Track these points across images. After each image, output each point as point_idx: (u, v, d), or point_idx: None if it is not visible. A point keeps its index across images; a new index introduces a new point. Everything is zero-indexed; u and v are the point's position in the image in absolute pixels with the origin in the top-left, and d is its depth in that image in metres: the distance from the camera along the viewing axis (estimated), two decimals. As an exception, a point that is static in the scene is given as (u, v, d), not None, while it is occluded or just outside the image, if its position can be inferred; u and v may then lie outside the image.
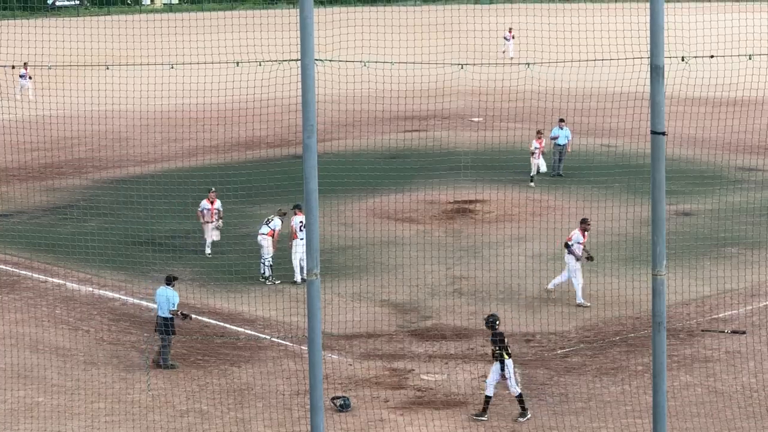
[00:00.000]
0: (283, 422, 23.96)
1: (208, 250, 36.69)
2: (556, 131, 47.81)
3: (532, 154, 43.47)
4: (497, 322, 24.86)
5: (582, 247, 31.42)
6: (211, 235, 36.97)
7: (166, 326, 27.42)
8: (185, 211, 41.43)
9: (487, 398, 24.50)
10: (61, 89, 50.76)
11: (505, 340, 24.70)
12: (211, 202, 36.92)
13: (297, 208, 32.38)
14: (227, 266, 34.87)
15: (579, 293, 31.42)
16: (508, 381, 24.31)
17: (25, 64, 58.48)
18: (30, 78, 61.08)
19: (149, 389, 25.65)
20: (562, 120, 47.35)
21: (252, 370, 27.26)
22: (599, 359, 27.65)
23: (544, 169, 43.17)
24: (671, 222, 17.70)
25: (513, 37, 68.80)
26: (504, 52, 66.83)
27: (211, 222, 36.62)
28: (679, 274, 30.18)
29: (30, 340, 28.98)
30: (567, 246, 31.62)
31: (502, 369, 24.23)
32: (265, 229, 33.99)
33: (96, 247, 37.22)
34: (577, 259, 31.47)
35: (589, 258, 32.16)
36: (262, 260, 33.86)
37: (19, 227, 39.42)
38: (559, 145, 47.50)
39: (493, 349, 24.51)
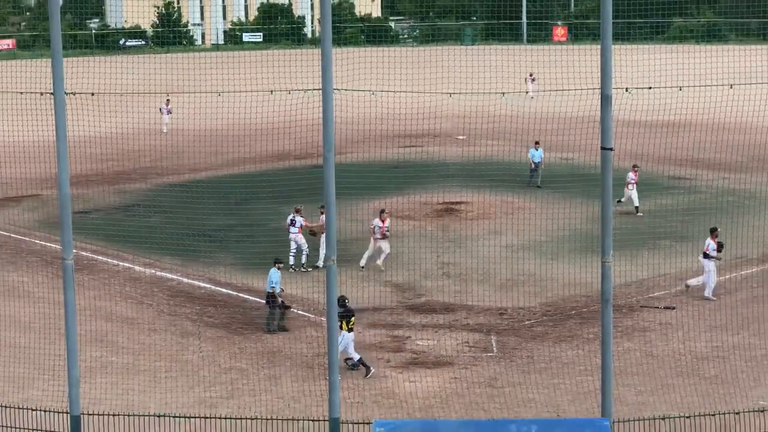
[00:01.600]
0: (306, 378, 24.07)
1: (363, 262, 33.73)
2: (532, 152, 46.97)
3: (627, 185, 40.66)
4: (346, 301, 24.77)
5: (716, 251, 30.17)
6: (382, 249, 33.78)
7: (269, 299, 27.68)
8: (229, 209, 41.50)
9: (359, 360, 24.62)
10: (130, 112, 50.85)
11: (350, 316, 24.70)
12: (383, 221, 34.32)
13: (322, 208, 32.11)
14: (262, 254, 34.82)
15: (710, 290, 30.11)
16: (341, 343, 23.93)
17: (167, 100, 57.82)
18: (170, 112, 59.27)
19: (200, 351, 25.72)
20: (537, 142, 46.80)
21: (281, 336, 27.34)
22: (558, 329, 27.71)
23: (636, 203, 40.59)
24: (616, 220, 17.63)
25: (534, 80, 68.39)
26: (528, 92, 66.38)
27: (379, 237, 33.72)
28: (622, 261, 30.21)
29: (104, 312, 29.07)
30: (706, 255, 30.29)
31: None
32: (294, 229, 33.76)
33: (157, 237, 37.37)
34: (717, 259, 30.27)
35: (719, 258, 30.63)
36: (293, 253, 33.57)
37: (96, 222, 39.49)
38: (536, 162, 46.63)
39: (343, 322, 24.43)
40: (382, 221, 33.74)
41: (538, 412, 21.88)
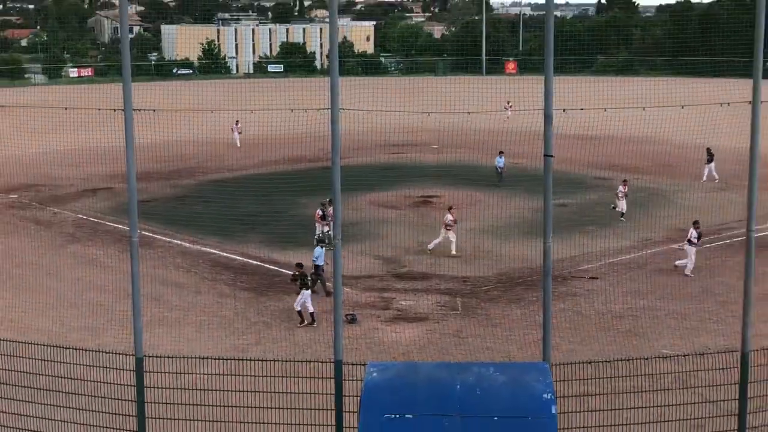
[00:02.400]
0: (316, 329, 24.04)
1: (431, 246, 32.10)
2: (498, 159, 45.38)
3: (617, 195, 37.73)
4: (302, 266, 25.19)
5: (697, 239, 29.20)
6: (450, 238, 31.83)
7: (315, 270, 27.05)
8: (257, 200, 41.35)
9: (312, 314, 24.63)
10: (181, 124, 50.68)
11: (306, 278, 24.95)
12: (452, 215, 32.34)
13: (329, 201, 31.88)
14: (282, 234, 34.82)
15: (690, 268, 29.27)
16: (299, 299, 24.58)
17: (237, 121, 56.77)
18: (240, 132, 57.53)
19: (234, 308, 25.64)
20: (501, 152, 45.32)
21: (296, 297, 27.27)
22: (509, 293, 27.67)
23: (623, 209, 37.32)
24: (555, 210, 17.65)
25: (511, 107, 65.00)
26: (507, 117, 63.22)
27: (450, 228, 31.79)
28: (559, 243, 30.09)
29: (160, 278, 28.98)
30: (690, 242, 29.34)
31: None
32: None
33: (202, 221, 37.22)
34: (696, 245, 29.25)
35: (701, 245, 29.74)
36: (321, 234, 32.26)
37: (155, 209, 39.33)
38: (500, 167, 45.01)
39: (300, 282, 24.67)
40: (452, 215, 32.69)
41: (493, 357, 21.88)
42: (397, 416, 11.43)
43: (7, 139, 51.69)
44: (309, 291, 24.89)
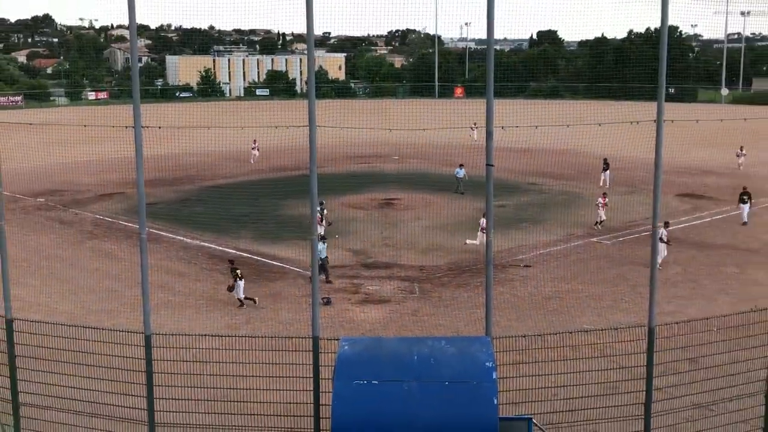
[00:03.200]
0: (298, 310, 23.96)
1: (468, 242, 31.24)
2: (458, 171, 44.18)
3: (597, 206, 36.23)
4: (234, 262, 25.78)
5: (667, 236, 28.77)
6: (483, 241, 29.83)
7: (321, 265, 26.43)
8: (248, 202, 41.12)
9: (242, 299, 24.63)
10: (183, 138, 50.21)
11: (237, 270, 24.87)
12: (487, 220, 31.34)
13: (321, 204, 31.92)
14: (268, 231, 34.66)
15: (659, 262, 28.30)
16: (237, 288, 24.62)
17: (255, 140, 55.09)
18: (258, 150, 55.36)
19: (228, 290, 25.44)
20: (461, 164, 44.02)
21: (281, 283, 27.21)
22: (458, 279, 27.77)
23: (601, 219, 35.28)
24: (496, 211, 17.54)
25: (477, 128, 59.78)
26: (471, 136, 59.14)
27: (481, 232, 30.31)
28: (499, 237, 30.35)
29: (165, 268, 28.80)
30: (660, 239, 28.27)
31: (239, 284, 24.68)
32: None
33: (200, 220, 36.99)
34: (666, 243, 28.70)
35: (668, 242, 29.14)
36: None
37: (160, 210, 39.05)
38: (459, 177, 43.91)
39: (233, 275, 24.73)
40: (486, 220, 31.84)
41: (444, 332, 21.95)
42: (365, 382, 11.43)
43: (36, 152, 51.12)
44: (243, 281, 24.79)
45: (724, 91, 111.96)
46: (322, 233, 30.55)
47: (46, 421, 14.44)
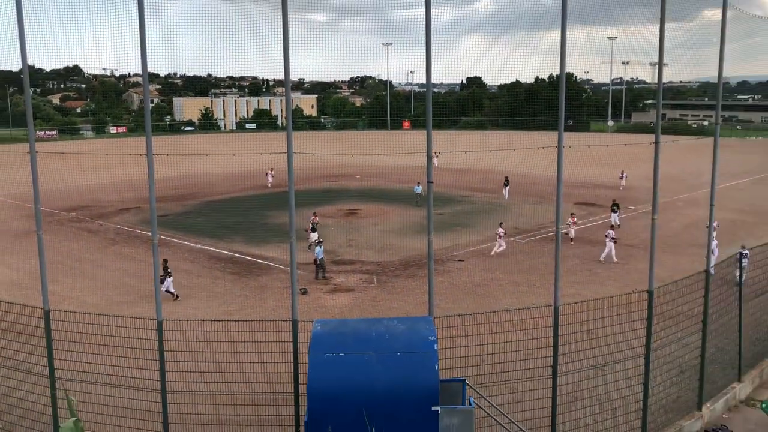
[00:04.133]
0: (280, 298, 23.82)
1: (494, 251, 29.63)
2: (416, 188, 43.01)
3: (568, 224, 32.61)
4: (167, 261, 24.19)
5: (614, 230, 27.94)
6: (502, 245, 29.13)
7: (319, 264, 26.44)
8: (240, 213, 40.68)
9: (174, 293, 23.82)
10: (186, 163, 49.49)
11: (168, 269, 23.82)
12: (504, 230, 29.89)
13: (314, 215, 31.55)
14: (258, 237, 34.32)
15: (613, 254, 28.14)
16: (168, 283, 23.38)
17: (271, 168, 50.27)
18: (273, 176, 50.69)
19: (224, 287, 25.14)
20: (419, 183, 42.89)
21: (267, 277, 26.98)
22: (407, 271, 27.84)
23: (571, 236, 32.29)
24: (436, 217, 17.63)
25: (437, 156, 57.97)
26: (436, 164, 56.03)
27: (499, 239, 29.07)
28: (438, 237, 30.48)
29: (173, 267, 28.25)
30: (613, 239, 28.05)
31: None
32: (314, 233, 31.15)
33: (202, 228, 36.49)
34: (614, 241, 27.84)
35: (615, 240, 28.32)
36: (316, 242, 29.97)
37: (169, 220, 38.51)
38: (417, 193, 42.76)
39: (164, 272, 23.49)
40: (503, 229, 30.35)
41: (397, 313, 22.00)
42: (334, 354, 11.40)
43: (69, 175, 50.23)
44: (171, 278, 23.91)
45: (610, 123, 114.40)
46: (319, 239, 29.79)
47: (78, 392, 14.12)
